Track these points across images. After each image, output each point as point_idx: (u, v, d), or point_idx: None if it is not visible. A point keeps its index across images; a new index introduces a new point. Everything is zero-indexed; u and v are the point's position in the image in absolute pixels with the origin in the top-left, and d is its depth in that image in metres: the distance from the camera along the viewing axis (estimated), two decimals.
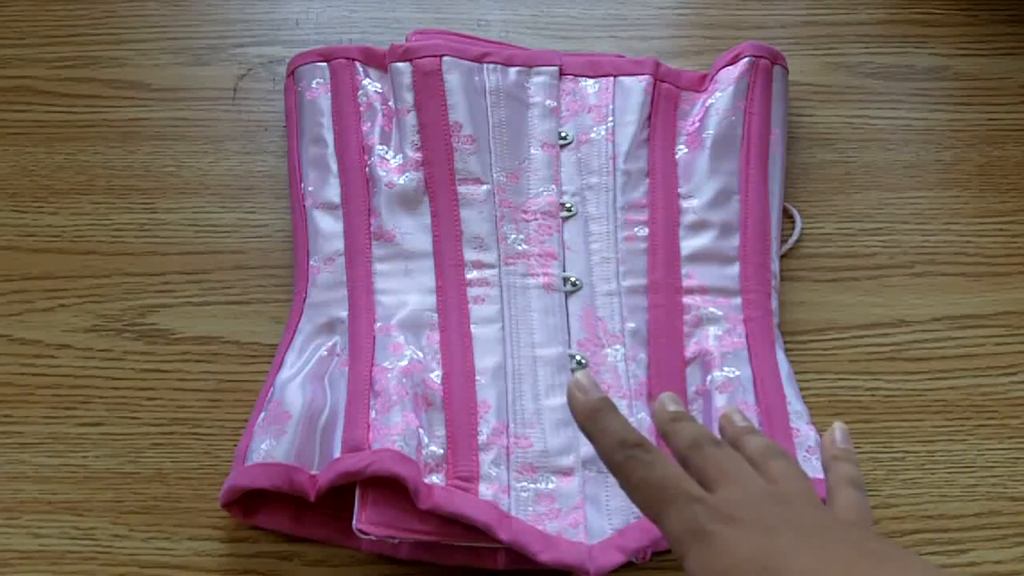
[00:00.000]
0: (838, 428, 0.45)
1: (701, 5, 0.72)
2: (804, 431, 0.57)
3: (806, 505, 0.38)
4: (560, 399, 0.57)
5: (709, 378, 0.58)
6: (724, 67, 0.65)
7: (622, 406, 0.57)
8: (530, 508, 0.54)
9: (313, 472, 0.53)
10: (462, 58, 0.62)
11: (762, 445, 0.42)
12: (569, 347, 0.58)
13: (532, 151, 0.63)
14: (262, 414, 0.55)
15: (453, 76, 0.62)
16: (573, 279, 0.60)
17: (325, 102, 0.63)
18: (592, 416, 0.40)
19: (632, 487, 0.39)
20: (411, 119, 0.61)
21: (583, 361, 0.58)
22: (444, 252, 0.59)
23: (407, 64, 0.62)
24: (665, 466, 0.38)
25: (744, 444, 0.42)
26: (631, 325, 0.59)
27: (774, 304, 0.61)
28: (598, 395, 0.40)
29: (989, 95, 0.70)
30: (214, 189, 0.65)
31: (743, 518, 0.36)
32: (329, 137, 0.62)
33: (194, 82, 0.68)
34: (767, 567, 0.34)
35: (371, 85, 0.63)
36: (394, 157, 0.61)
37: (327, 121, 0.63)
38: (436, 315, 0.58)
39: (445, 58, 0.62)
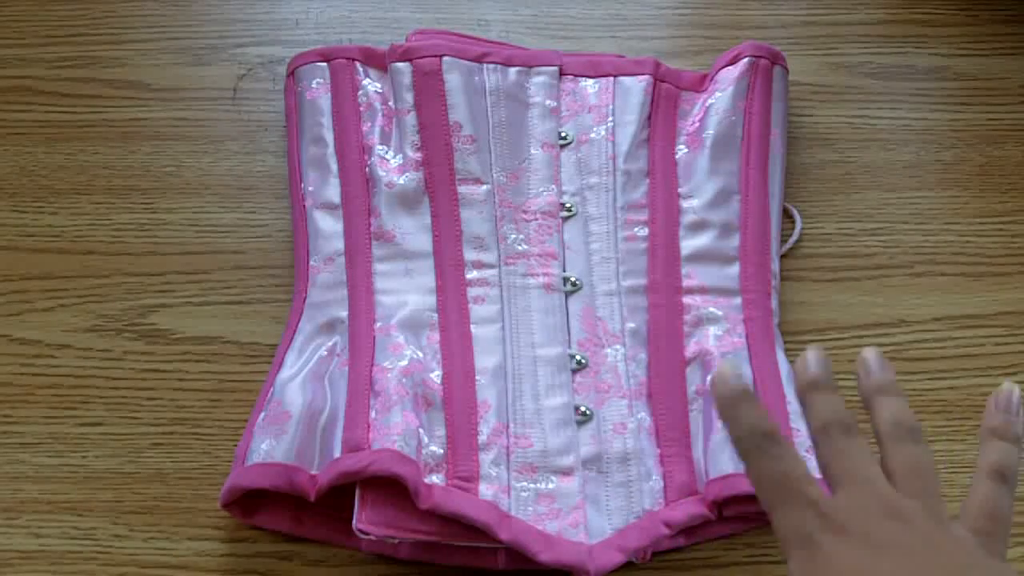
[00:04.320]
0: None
1: (701, 5, 0.72)
2: (804, 431, 0.57)
3: (924, 521, 0.37)
4: (560, 399, 0.57)
5: (709, 378, 0.58)
6: (724, 67, 0.65)
7: (622, 406, 0.57)
8: (530, 508, 0.54)
9: (313, 472, 0.53)
10: (462, 58, 0.62)
11: (894, 418, 0.40)
12: (569, 347, 0.58)
13: (532, 151, 0.63)
14: (262, 414, 0.55)
15: (453, 76, 0.62)
16: (573, 279, 0.60)
17: (325, 102, 0.63)
18: (732, 403, 0.40)
19: (754, 476, 0.39)
20: (411, 119, 0.61)
21: (583, 361, 0.58)
22: (444, 252, 0.59)
23: (407, 64, 0.62)
24: (790, 462, 0.39)
25: (877, 409, 0.41)
26: (631, 325, 0.59)
27: (774, 304, 0.61)
28: (740, 385, 0.40)
29: (989, 95, 0.70)
30: (214, 189, 0.65)
31: (852, 530, 0.37)
32: (329, 137, 0.62)
33: (194, 82, 0.68)
34: None
35: (371, 85, 0.63)
36: (394, 157, 0.61)
37: (327, 121, 0.63)
38: (436, 315, 0.58)
39: (445, 58, 0.62)
